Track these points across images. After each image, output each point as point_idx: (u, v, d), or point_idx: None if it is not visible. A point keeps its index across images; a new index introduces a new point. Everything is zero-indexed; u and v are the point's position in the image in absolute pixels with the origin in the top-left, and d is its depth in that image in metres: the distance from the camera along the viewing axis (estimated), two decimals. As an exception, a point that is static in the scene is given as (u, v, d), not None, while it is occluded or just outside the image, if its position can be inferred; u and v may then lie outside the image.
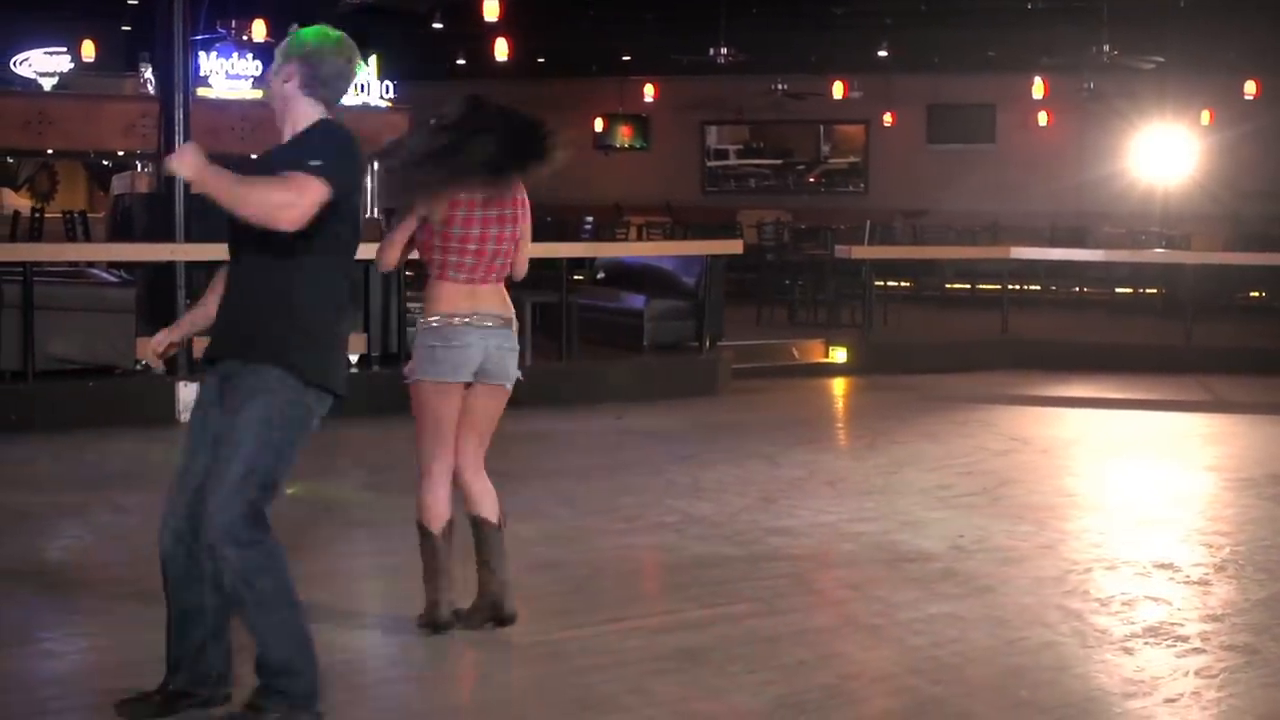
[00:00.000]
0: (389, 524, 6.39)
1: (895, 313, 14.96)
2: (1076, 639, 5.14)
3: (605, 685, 4.53)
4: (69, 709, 4.35)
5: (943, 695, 4.52)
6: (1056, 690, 4.62)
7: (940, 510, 7.23)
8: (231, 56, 17.49)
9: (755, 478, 7.90)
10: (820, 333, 13.86)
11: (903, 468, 8.37)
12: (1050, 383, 12.15)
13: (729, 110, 23.64)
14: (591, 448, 9.02)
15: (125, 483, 7.89)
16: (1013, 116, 22.16)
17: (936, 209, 20.97)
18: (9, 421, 9.20)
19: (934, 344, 13.86)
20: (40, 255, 11.01)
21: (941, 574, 5.98)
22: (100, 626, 5.15)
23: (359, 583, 5.90)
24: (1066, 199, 20.55)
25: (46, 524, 6.80)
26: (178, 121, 10.01)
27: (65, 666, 4.78)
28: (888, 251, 16.54)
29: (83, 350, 9.76)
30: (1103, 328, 15.60)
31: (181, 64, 10.13)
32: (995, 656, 4.93)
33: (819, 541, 6.56)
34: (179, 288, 9.93)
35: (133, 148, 17.11)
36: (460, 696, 4.49)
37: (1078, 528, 7.00)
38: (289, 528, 5.01)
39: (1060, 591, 5.75)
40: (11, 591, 5.65)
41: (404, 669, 4.77)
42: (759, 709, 4.39)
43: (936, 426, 9.93)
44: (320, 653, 3.99)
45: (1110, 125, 20.88)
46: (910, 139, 22.85)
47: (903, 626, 5.21)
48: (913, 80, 22.07)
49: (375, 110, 18.20)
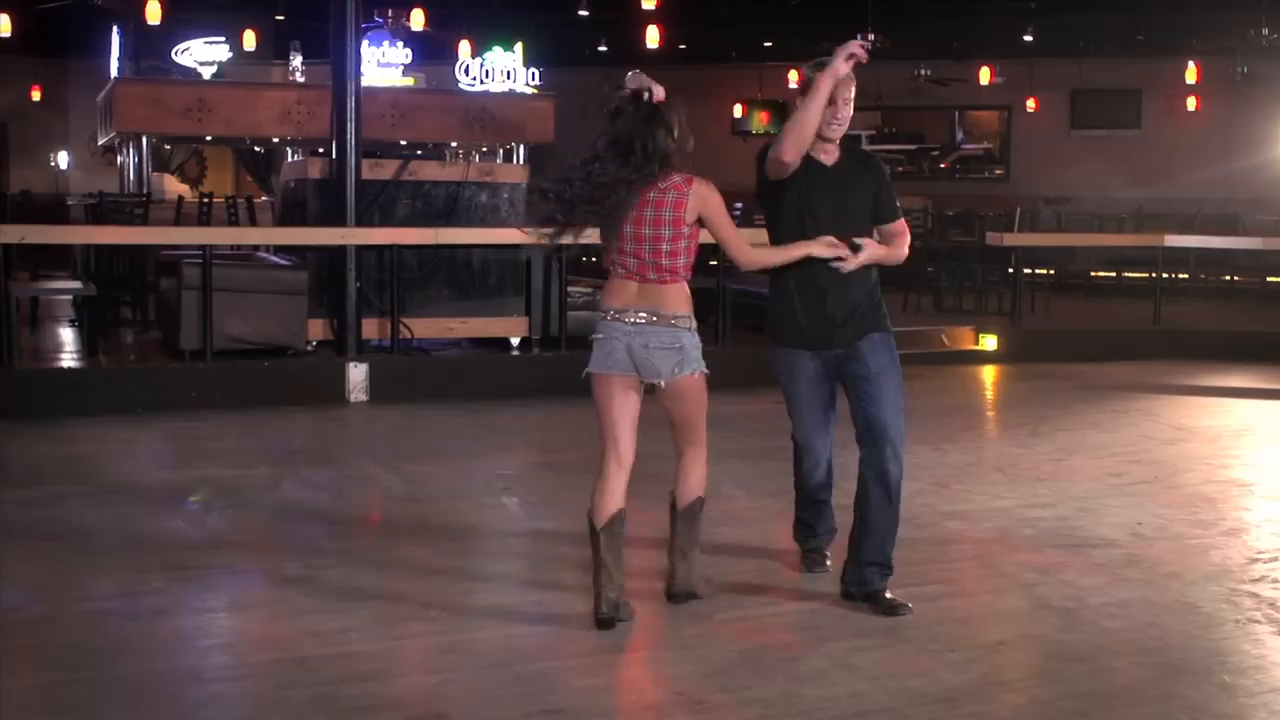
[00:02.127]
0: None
1: (1041, 300, 14.86)
2: (1272, 626, 5.14)
3: (813, 660, 4.65)
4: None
5: (1147, 678, 4.57)
6: (1259, 676, 4.64)
7: (1115, 498, 7.23)
8: (383, 45, 17.85)
9: (925, 463, 7.94)
10: (968, 320, 13.81)
11: (1071, 455, 8.36)
12: (1208, 372, 12.01)
13: (869, 96, 23.51)
14: (758, 430, 9.12)
15: (309, 459, 8.19)
16: (1159, 102, 21.79)
17: (1080, 196, 20.71)
18: (189, 399, 9.57)
19: (1085, 332, 13.77)
20: (222, 238, 11.41)
21: (1125, 560, 6.01)
22: (307, 594, 5.38)
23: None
24: (1214, 186, 20.18)
25: (247, 497, 7.08)
26: (350, 110, 10.30)
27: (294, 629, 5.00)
28: (1040, 239, 16.38)
29: (258, 331, 10.11)
30: (1256, 316, 15.34)
31: (354, 53, 10.41)
32: (1192, 641, 4.96)
33: (998, 526, 6.61)
34: (349, 270, 10.24)
35: (287, 134, 17.55)
36: (676, 668, 4.63)
37: (1258, 517, 6.97)
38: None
39: (1249, 579, 5.75)
40: (222, 560, 5.93)
41: (616, 641, 4.92)
42: (966, 686, 4.48)
43: (1098, 415, 9.88)
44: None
45: (1264, 110, 20.46)
46: (1054, 125, 22.57)
47: (1096, 610, 5.26)
48: (1057, 65, 21.79)
49: (521, 96, 18.42)
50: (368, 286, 10.47)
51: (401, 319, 10.42)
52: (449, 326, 10.88)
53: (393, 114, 17.42)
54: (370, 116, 11.02)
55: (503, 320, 10.98)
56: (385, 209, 10.78)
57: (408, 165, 11.07)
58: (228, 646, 4.91)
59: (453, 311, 10.86)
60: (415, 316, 10.61)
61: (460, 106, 17.98)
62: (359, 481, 7.63)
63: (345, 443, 9.02)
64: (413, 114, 17.72)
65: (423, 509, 6.91)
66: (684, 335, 4.95)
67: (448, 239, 10.63)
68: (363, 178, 10.44)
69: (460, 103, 17.98)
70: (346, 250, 10.25)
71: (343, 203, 10.30)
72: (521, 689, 4.42)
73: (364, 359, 10.15)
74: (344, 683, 4.43)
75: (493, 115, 17.99)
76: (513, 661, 4.67)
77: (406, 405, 9.76)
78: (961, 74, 21.58)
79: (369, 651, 4.75)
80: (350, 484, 7.53)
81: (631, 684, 4.50)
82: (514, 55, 18.34)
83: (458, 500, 7.17)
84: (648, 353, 4.91)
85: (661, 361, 4.92)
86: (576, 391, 10.61)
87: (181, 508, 6.87)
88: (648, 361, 4.93)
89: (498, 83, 18.10)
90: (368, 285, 10.47)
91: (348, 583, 5.51)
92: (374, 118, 15.24)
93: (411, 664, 4.74)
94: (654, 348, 4.91)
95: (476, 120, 17.93)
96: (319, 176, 10.73)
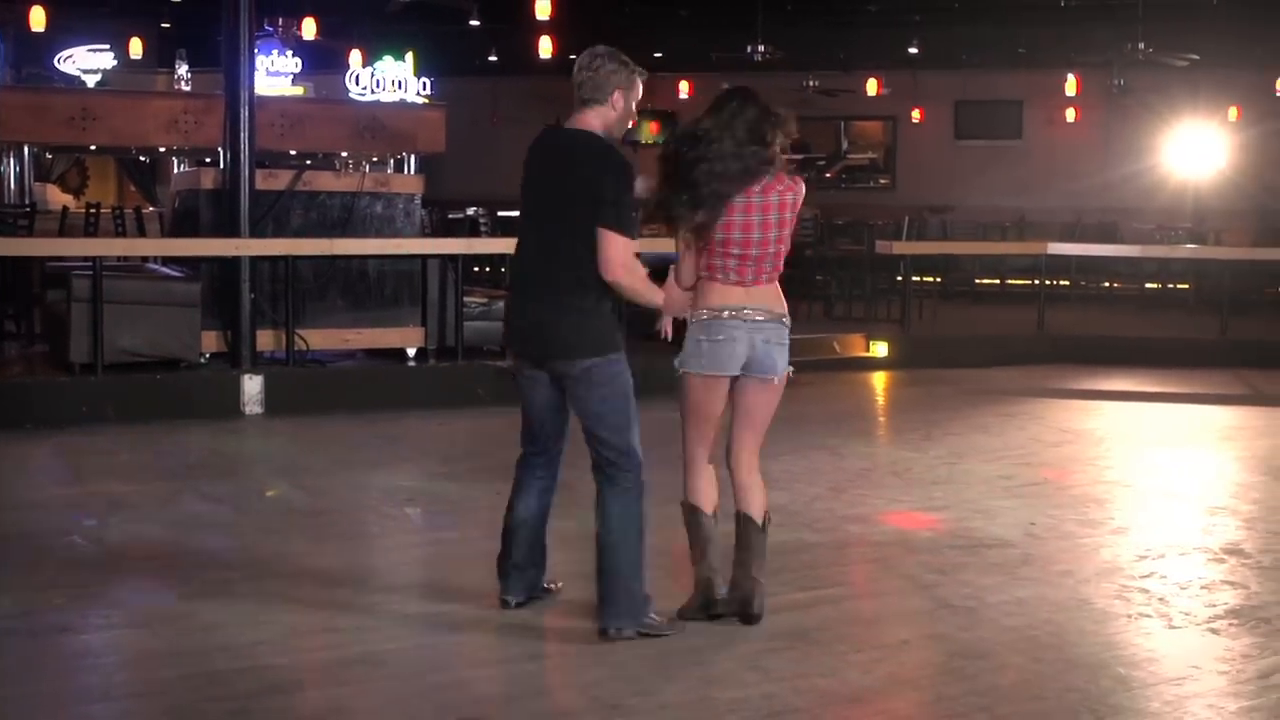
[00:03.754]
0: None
1: (929, 308, 15.14)
2: (1163, 620, 5.32)
3: (723, 663, 4.72)
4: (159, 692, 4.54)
5: (1046, 673, 4.71)
6: (1152, 668, 4.81)
7: (1007, 499, 7.41)
8: (271, 53, 17.64)
9: (822, 468, 8.09)
10: (859, 327, 14.04)
11: (963, 458, 8.56)
12: (1091, 377, 12.34)
13: (758, 107, 23.81)
14: (654, 439, 9.18)
15: (207, 473, 8.10)
16: (1040, 113, 22.31)
17: (964, 205, 21.13)
18: (80, 413, 9.41)
19: (972, 338, 14.06)
20: (116, 249, 11.22)
21: (1021, 559, 6.17)
22: (214, 608, 5.34)
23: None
24: (1093, 195, 20.70)
25: (145, 512, 6.99)
26: (243, 119, 10.21)
27: (188, 644, 4.95)
28: (929, 247, 16.71)
29: (150, 344, 9.97)
30: (1135, 322, 15.78)
31: (248, 62, 10.32)
32: (1087, 637, 5.12)
33: (896, 529, 6.75)
34: (244, 281, 10.14)
35: (174, 143, 17.23)
36: (590, 673, 4.67)
37: (1144, 515, 7.20)
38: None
39: (1138, 575, 5.94)
40: (124, 576, 5.85)
41: (563, 645, 4.95)
42: (873, 685, 4.58)
43: (987, 419, 10.11)
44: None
45: (1138, 122, 21.05)
46: (938, 135, 23.00)
47: (995, 608, 5.40)
48: (941, 76, 22.22)
49: (412, 106, 18.33)
50: (262, 298, 10.37)
51: (297, 330, 10.34)
52: (345, 338, 10.82)
53: (282, 123, 17.16)
54: (260, 126, 10.87)
55: (399, 331, 10.94)
56: (279, 219, 10.69)
57: (302, 175, 11.00)
58: (135, 663, 4.85)
59: (348, 322, 10.80)
60: (311, 328, 10.53)
61: (350, 116, 17.79)
62: (259, 495, 7.56)
63: (243, 456, 8.93)
64: (302, 123, 17.47)
65: (325, 521, 6.87)
66: (787, 334, 5.05)
67: (344, 249, 10.58)
68: (256, 188, 10.35)
69: (350, 112, 17.80)
70: (240, 261, 10.15)
71: (236, 213, 10.20)
72: (435, 698, 4.44)
73: (259, 371, 10.05)
74: (256, 696, 4.41)
75: (383, 125, 17.83)
76: (424, 671, 4.68)
77: (303, 417, 9.69)
78: (848, 85, 21.91)
79: (279, 664, 4.74)
80: (250, 497, 7.47)
81: (545, 690, 4.54)
82: (405, 65, 18.22)
83: (360, 511, 7.16)
84: (769, 348, 4.97)
85: (779, 357, 5.00)
86: (474, 401, 10.65)
87: (78, 523, 6.76)
88: (768, 357, 4.97)
89: (388, 92, 17.97)
90: (262, 296, 10.38)
91: (254, 596, 5.47)
92: (263, 127, 14.97)
93: (323, 676, 4.73)
94: (774, 344, 4.98)
95: (367, 130, 17.76)
96: (211, 187, 10.61)
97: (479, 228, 16.10)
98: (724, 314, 4.92)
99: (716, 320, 4.93)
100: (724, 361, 4.95)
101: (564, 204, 4.93)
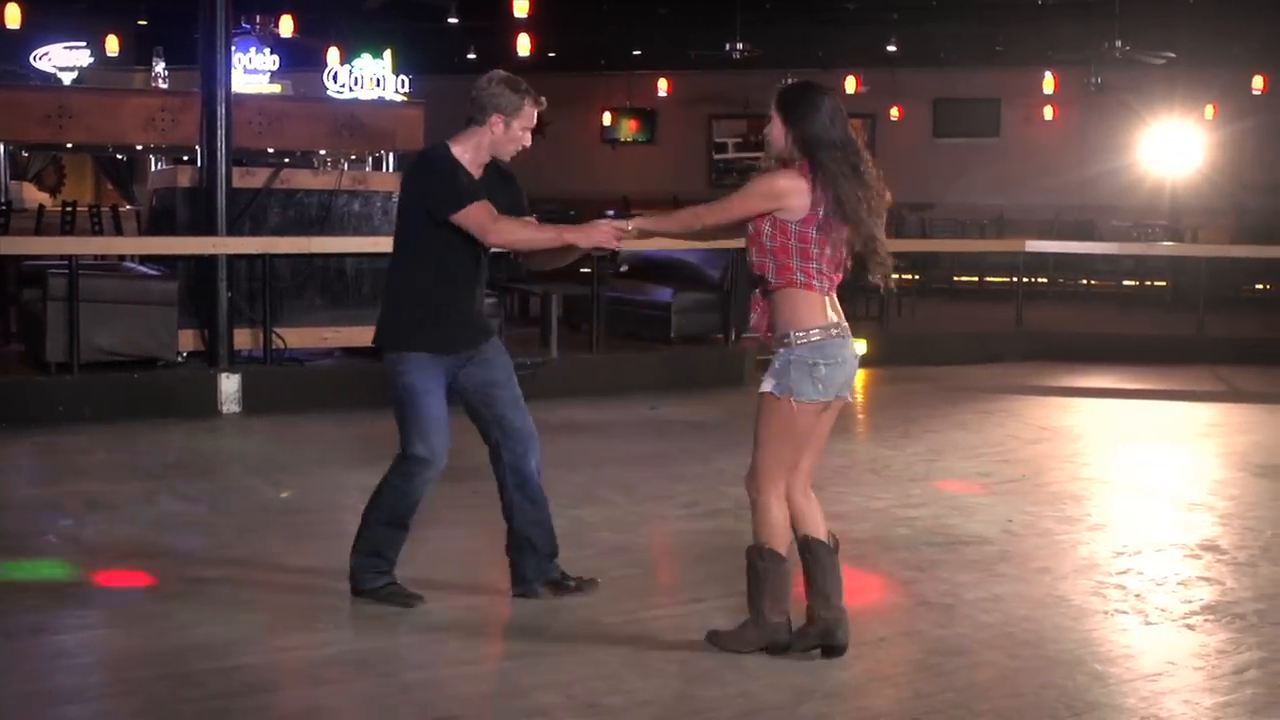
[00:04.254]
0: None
1: (908, 305, 15.15)
2: (1139, 616, 5.34)
3: (701, 661, 4.72)
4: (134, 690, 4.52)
5: (1023, 669, 4.72)
6: (1128, 664, 4.83)
7: (985, 496, 7.44)
8: (249, 51, 17.59)
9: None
10: (838, 325, 14.04)
11: (941, 455, 8.58)
12: (1069, 374, 12.38)
13: (736, 104, 23.82)
14: (635, 437, 9.21)
15: (184, 472, 8.07)
16: (1018, 111, 22.38)
17: (942, 202, 21.18)
18: (56, 413, 9.36)
19: (950, 336, 14.09)
20: (92, 248, 11.17)
21: (998, 556, 6.19)
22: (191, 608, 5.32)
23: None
24: (1071, 193, 20.78)
25: (122, 511, 6.96)
26: (220, 117, 10.17)
27: (165, 644, 4.93)
28: (907, 245, 16.71)
29: (127, 343, 9.91)
30: (1113, 319, 15.84)
31: (225, 59, 10.28)
32: (1063, 633, 5.14)
33: (875, 526, 6.76)
34: (221, 280, 10.10)
35: (151, 141, 17.18)
36: (567, 672, 4.66)
37: (1121, 512, 7.23)
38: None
39: (1115, 571, 5.96)
40: (100, 576, 5.82)
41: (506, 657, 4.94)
42: (851, 681, 4.59)
43: (965, 416, 10.14)
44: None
45: (1116, 119, 21.13)
46: (916, 133, 23.04)
47: (972, 605, 5.42)
48: (919, 74, 22.26)
49: (390, 104, 18.30)
50: (239, 296, 10.33)
51: (274, 329, 10.30)
52: (323, 336, 10.78)
53: (260, 121, 17.12)
54: (237, 124, 10.84)
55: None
56: (257, 218, 10.64)
57: (279, 173, 10.95)
58: (111, 663, 4.83)
59: (326, 321, 10.75)
60: (288, 326, 10.48)
61: (329, 114, 17.76)
62: (236, 494, 7.52)
63: (220, 455, 8.89)
64: (280, 121, 17.44)
65: (302, 520, 6.86)
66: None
67: (321, 248, 10.54)
68: (233, 186, 10.31)
69: (328, 110, 17.76)
70: (218, 260, 10.11)
71: (213, 212, 10.15)
72: (412, 697, 4.43)
73: (236, 370, 10.01)
74: (231, 696, 4.40)
75: (361, 123, 17.81)
76: (401, 670, 4.67)
77: (280, 416, 9.65)
78: (827, 83, 21.85)
79: (255, 664, 4.72)
80: (227, 496, 7.43)
81: (523, 689, 4.53)
82: (383, 62, 18.19)
83: (337, 510, 7.10)
84: (855, 365, 4.66)
85: (854, 373, 4.71)
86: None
87: (54, 523, 6.73)
88: (853, 375, 4.68)
89: (367, 90, 17.93)
90: (239, 295, 10.33)
91: (230, 596, 5.46)
92: (240, 125, 14.94)
93: (299, 675, 4.71)
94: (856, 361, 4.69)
95: (345, 128, 17.73)
96: (188, 185, 10.55)
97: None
98: (832, 332, 4.58)
99: (828, 342, 4.56)
100: (840, 386, 4.60)
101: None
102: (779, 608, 4.68)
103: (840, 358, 4.57)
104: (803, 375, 4.52)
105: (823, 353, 4.53)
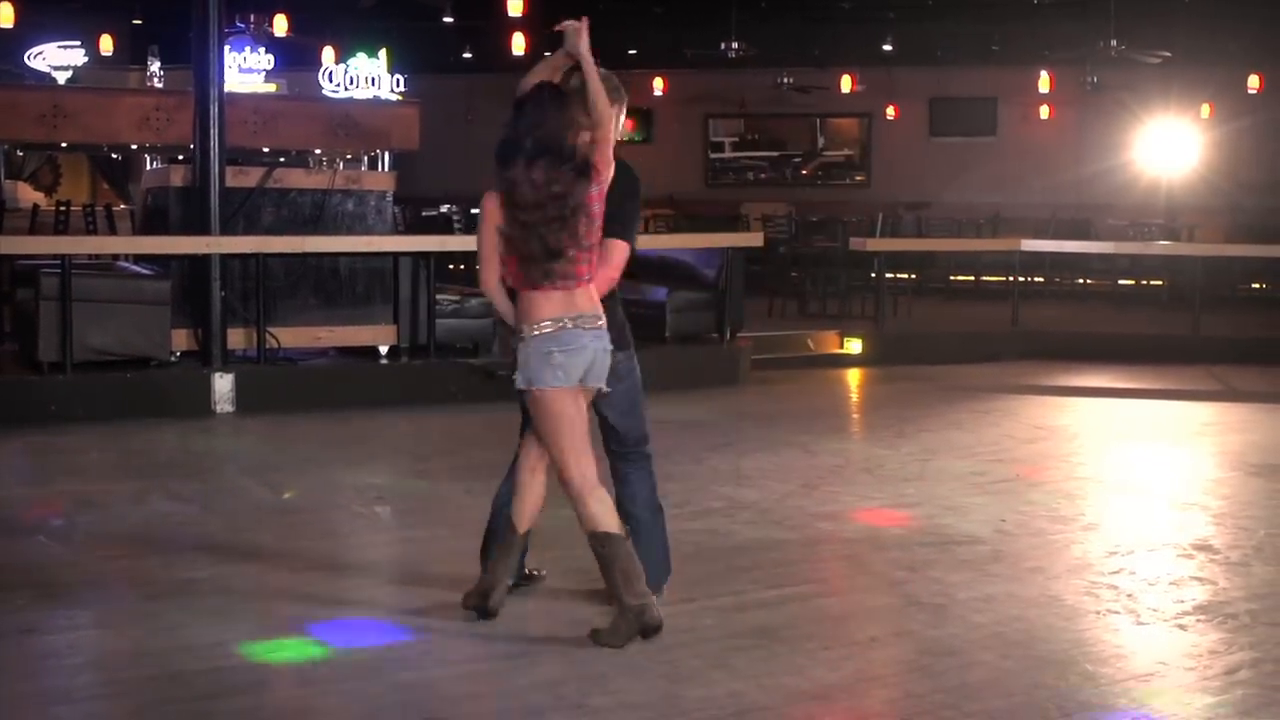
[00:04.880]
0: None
1: (903, 304, 15.18)
2: (1131, 616, 5.33)
3: (690, 661, 4.70)
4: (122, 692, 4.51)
5: (1014, 669, 4.70)
6: (1120, 664, 4.81)
7: (979, 496, 7.42)
8: (244, 50, 17.56)
9: (794, 465, 8.09)
10: (833, 324, 14.07)
11: (935, 455, 8.56)
12: (1065, 373, 12.38)
13: (732, 104, 23.81)
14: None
15: (176, 472, 8.05)
16: (1014, 110, 22.35)
17: (938, 201, 21.18)
18: (49, 412, 9.35)
19: (946, 335, 14.11)
20: (85, 247, 11.15)
21: (991, 556, 6.17)
22: (181, 607, 5.31)
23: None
24: (1067, 192, 20.78)
25: (113, 511, 6.94)
26: (213, 116, 10.16)
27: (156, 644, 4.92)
28: (903, 244, 16.75)
29: (120, 342, 9.90)
30: (1109, 319, 15.85)
31: (217, 59, 10.26)
32: (1055, 633, 5.12)
33: (867, 526, 6.75)
34: (214, 279, 10.08)
35: (146, 140, 17.13)
36: (555, 671, 4.64)
37: (1115, 511, 7.22)
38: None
39: (1107, 571, 5.95)
40: (90, 576, 5.81)
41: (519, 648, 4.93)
42: (840, 682, 4.57)
43: (960, 415, 10.13)
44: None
45: (1112, 118, 21.12)
46: (913, 132, 23.02)
47: (964, 605, 5.40)
48: (915, 73, 22.25)
49: (386, 104, 18.28)
50: (233, 296, 10.32)
51: (268, 328, 10.29)
52: (316, 335, 10.77)
53: (254, 120, 17.04)
54: (232, 123, 10.84)
55: (370, 329, 10.89)
56: (250, 217, 10.64)
57: (273, 173, 10.94)
58: (99, 664, 4.81)
59: (320, 320, 10.75)
60: (282, 326, 10.47)
61: (324, 113, 17.69)
62: (228, 494, 7.51)
63: (212, 455, 8.88)
64: (275, 121, 17.36)
65: (294, 520, 6.85)
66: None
67: (315, 247, 10.53)
68: (227, 185, 10.29)
69: (323, 109, 17.70)
70: (211, 259, 10.09)
71: (206, 211, 10.14)
72: (402, 698, 4.41)
73: (230, 369, 10.00)
74: (219, 697, 4.38)
75: (357, 122, 17.73)
76: (391, 670, 4.65)
77: (274, 416, 9.64)
78: (823, 82, 21.91)
79: (244, 665, 4.70)
80: (219, 496, 7.42)
81: (513, 689, 4.51)
82: (378, 62, 18.17)
83: (329, 510, 7.12)
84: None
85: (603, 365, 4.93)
86: (446, 400, 10.65)
87: (45, 523, 6.71)
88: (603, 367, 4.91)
89: (362, 89, 17.92)
90: (233, 294, 10.32)
91: (220, 596, 5.44)
92: (235, 124, 14.94)
93: (288, 676, 4.70)
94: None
95: (340, 127, 17.66)
96: (182, 184, 10.56)
97: (452, 225, 16.06)
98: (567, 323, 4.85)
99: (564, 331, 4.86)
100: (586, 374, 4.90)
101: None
102: (634, 589, 4.78)
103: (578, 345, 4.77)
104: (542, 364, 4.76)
105: (568, 340, 4.77)
